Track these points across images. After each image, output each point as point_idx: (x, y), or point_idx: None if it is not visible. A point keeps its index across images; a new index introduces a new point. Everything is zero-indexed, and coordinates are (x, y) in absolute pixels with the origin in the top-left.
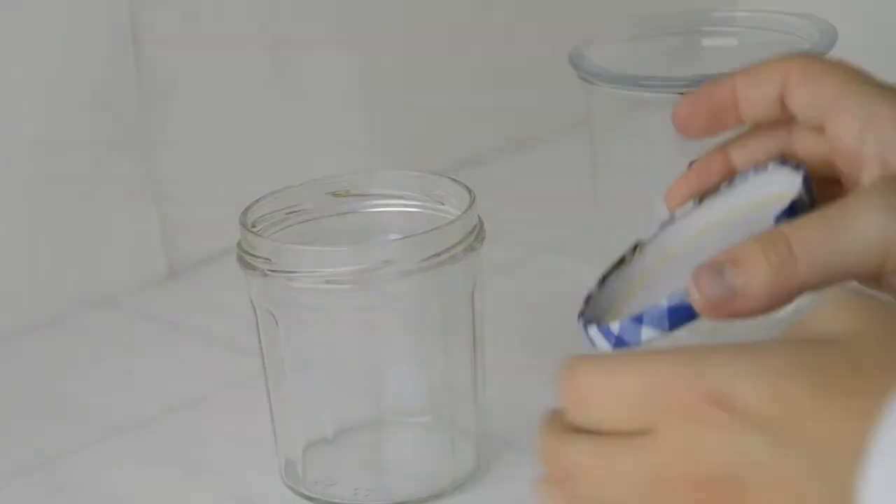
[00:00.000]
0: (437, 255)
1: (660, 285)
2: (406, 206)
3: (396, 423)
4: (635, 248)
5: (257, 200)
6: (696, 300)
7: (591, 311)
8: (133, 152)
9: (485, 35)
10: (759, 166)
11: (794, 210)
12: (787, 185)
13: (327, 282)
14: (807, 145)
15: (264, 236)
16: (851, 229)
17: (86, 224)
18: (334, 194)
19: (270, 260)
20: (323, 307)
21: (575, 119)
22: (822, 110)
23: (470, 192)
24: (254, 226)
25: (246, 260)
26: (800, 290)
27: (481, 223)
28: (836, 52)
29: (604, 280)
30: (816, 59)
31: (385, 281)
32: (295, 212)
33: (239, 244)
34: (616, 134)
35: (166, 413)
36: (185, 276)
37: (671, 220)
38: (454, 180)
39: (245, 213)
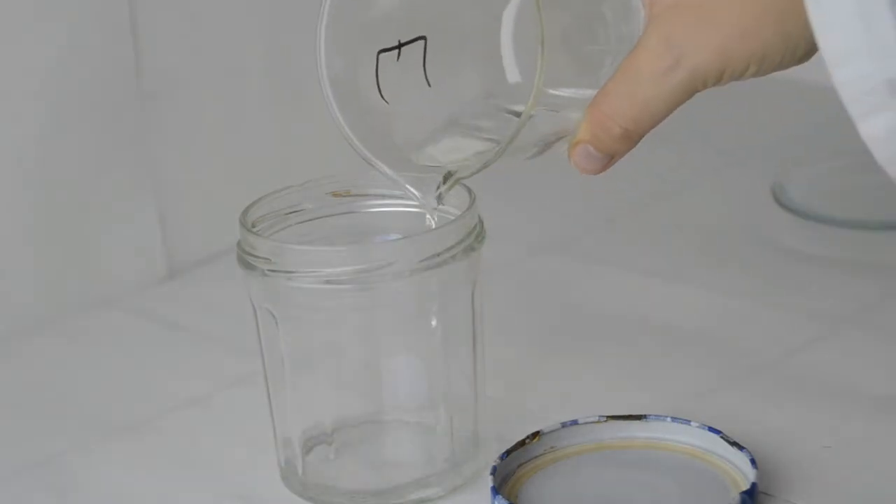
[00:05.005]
0: (437, 255)
1: (544, 477)
2: (406, 206)
3: (396, 422)
4: (535, 434)
5: (257, 200)
6: (585, 173)
7: (497, 480)
8: (133, 152)
9: None
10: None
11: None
12: None
13: (327, 282)
14: None
15: (264, 236)
16: (658, 98)
17: (86, 224)
18: (334, 194)
19: (270, 260)
20: (323, 307)
21: None
22: None
23: (470, 192)
24: (254, 226)
25: (246, 260)
26: (649, 131)
27: (481, 223)
28: None
29: (507, 454)
30: None
31: (385, 281)
32: (295, 212)
33: (239, 244)
34: None
35: (166, 413)
36: (185, 276)
37: (573, 422)
38: None
39: (245, 213)
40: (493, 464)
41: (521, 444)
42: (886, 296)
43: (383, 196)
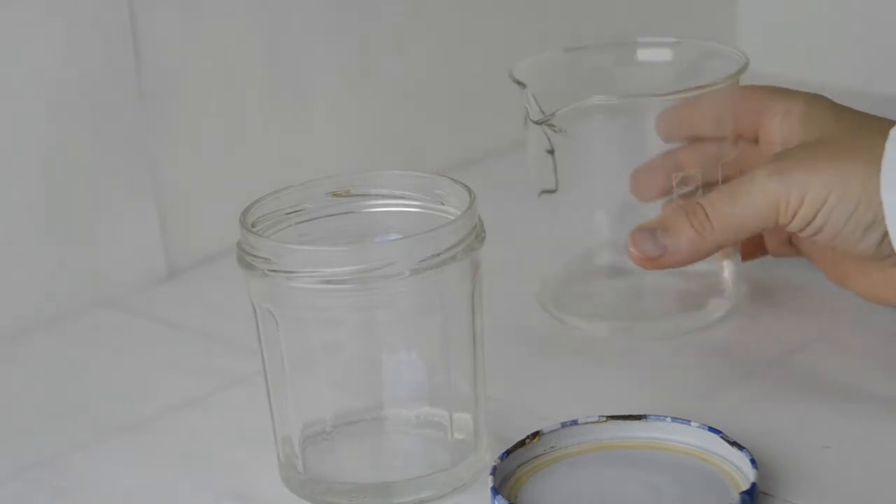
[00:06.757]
0: (437, 255)
1: (544, 477)
2: (406, 206)
3: (396, 422)
4: (535, 434)
5: (257, 200)
6: (633, 255)
7: (497, 480)
8: (133, 152)
9: (484, 35)
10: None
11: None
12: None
13: (327, 282)
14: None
15: (264, 236)
16: (748, 194)
17: (86, 224)
18: (334, 194)
19: (270, 260)
20: (323, 307)
21: None
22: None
23: (470, 192)
24: (254, 226)
25: (246, 260)
26: (716, 247)
27: (481, 223)
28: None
29: (507, 454)
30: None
31: (385, 281)
32: (295, 212)
33: (239, 244)
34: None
35: (166, 413)
36: (185, 276)
37: (573, 422)
38: (454, 180)
39: (245, 213)
40: (493, 464)
41: (521, 444)
42: None
43: (383, 196)
